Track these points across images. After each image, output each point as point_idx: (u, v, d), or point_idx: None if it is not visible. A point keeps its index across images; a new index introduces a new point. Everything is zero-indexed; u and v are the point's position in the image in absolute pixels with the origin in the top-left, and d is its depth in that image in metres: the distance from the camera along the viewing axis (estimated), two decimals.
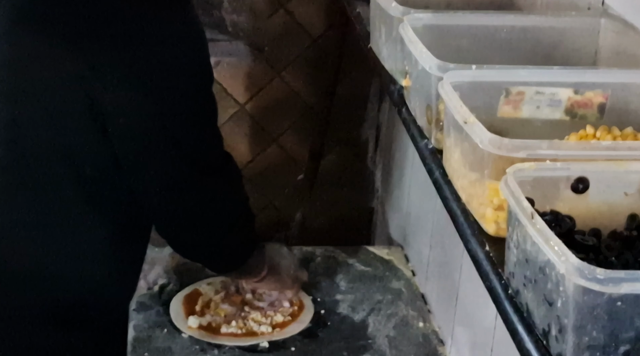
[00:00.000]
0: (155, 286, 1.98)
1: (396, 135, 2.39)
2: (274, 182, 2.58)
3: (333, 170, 2.58)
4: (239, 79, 2.46)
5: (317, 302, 1.97)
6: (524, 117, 1.14)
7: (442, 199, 1.13)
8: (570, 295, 0.79)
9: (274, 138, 2.54)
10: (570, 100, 1.13)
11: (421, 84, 1.22)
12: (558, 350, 0.83)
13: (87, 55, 1.38)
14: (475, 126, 1.02)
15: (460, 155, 1.08)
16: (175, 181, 1.50)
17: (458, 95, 1.09)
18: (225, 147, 1.62)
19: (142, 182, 1.49)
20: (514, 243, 0.91)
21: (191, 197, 1.53)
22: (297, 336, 1.85)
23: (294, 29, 2.42)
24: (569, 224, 0.93)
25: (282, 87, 2.48)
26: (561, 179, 0.96)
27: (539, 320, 0.86)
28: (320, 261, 2.13)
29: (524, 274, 0.89)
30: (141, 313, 1.90)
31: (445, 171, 1.14)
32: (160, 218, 1.57)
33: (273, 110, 2.50)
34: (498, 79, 1.14)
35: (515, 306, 0.91)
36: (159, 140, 1.45)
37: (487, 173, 1.01)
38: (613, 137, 1.09)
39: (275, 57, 2.44)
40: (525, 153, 0.98)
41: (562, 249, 0.81)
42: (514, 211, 0.90)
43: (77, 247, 1.52)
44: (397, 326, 1.91)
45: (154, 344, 1.81)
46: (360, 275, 2.09)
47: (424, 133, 1.23)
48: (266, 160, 2.56)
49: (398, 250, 2.22)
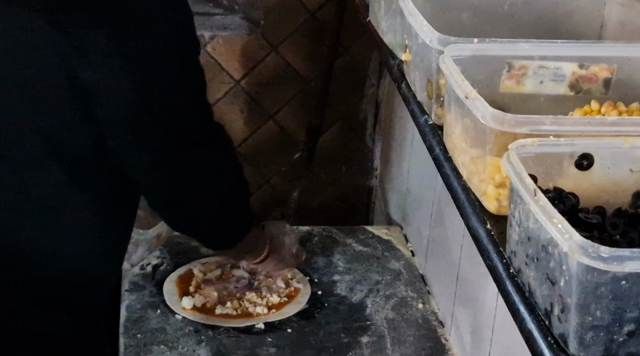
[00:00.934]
0: (148, 267, 1.98)
1: (396, 111, 2.38)
2: (271, 159, 2.57)
3: (331, 147, 2.58)
4: (235, 54, 2.45)
5: (314, 283, 1.97)
6: (527, 92, 1.14)
7: (443, 176, 1.13)
8: (574, 274, 0.79)
9: (270, 115, 2.53)
10: (574, 74, 1.13)
11: (421, 57, 1.21)
12: (560, 330, 0.83)
13: (67, 31, 1.36)
14: (476, 101, 1.01)
15: (461, 131, 1.07)
16: (164, 155, 1.50)
17: (459, 69, 1.08)
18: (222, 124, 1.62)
19: (131, 158, 1.49)
20: (516, 221, 0.91)
21: (181, 170, 1.53)
22: (293, 318, 1.86)
23: (291, 2, 2.41)
24: (572, 202, 0.93)
25: (278, 62, 2.47)
26: (565, 155, 0.96)
27: (541, 300, 0.86)
28: (317, 241, 2.13)
29: (526, 252, 0.89)
30: (134, 294, 1.90)
31: (446, 147, 1.13)
32: (152, 193, 1.57)
33: (269, 86, 2.49)
34: (500, 53, 1.13)
35: (516, 285, 0.91)
36: (146, 114, 1.44)
37: (489, 149, 1.00)
38: (619, 112, 1.09)
39: (271, 31, 2.43)
40: (528, 128, 0.98)
41: (565, 227, 0.81)
42: (516, 188, 0.89)
43: (61, 227, 1.51)
44: (396, 307, 1.91)
45: (146, 325, 1.81)
46: (359, 255, 2.09)
47: (424, 108, 1.23)
48: (262, 137, 2.55)
49: (397, 230, 2.22)
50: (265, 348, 1.76)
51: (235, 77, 2.47)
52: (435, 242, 1.98)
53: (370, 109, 2.57)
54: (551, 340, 0.85)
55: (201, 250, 2.03)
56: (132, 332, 1.79)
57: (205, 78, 1.54)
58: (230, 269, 1.96)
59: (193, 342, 1.77)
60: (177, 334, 1.79)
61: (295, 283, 1.94)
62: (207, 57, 2.41)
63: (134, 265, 1.94)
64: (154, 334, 1.78)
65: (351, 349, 1.78)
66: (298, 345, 1.78)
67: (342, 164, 2.62)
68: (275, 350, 1.76)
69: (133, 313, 1.84)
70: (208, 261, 1.99)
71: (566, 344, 0.83)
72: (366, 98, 2.56)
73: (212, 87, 2.49)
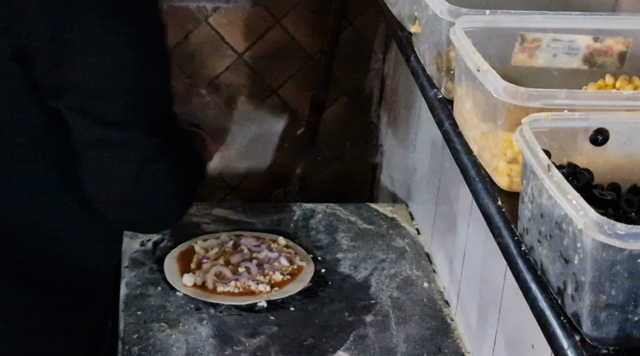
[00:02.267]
0: (149, 243, 1.98)
1: (402, 86, 2.37)
2: None
3: (335, 123, 2.56)
4: (237, 27, 2.43)
5: (318, 261, 1.97)
6: (540, 65, 1.13)
7: (452, 152, 1.12)
8: (588, 252, 0.78)
9: (273, 90, 2.52)
10: (589, 48, 1.12)
11: (431, 29, 1.20)
12: (574, 308, 0.82)
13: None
14: (489, 74, 1.00)
15: (472, 105, 1.07)
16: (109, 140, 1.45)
17: (470, 41, 1.07)
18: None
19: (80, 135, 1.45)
20: (529, 197, 0.90)
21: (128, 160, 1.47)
22: (296, 296, 1.85)
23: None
24: (586, 178, 0.92)
25: (282, 35, 2.45)
26: (579, 130, 0.95)
27: (554, 278, 0.86)
28: (321, 218, 2.13)
29: (539, 230, 0.88)
30: (134, 270, 1.90)
31: (456, 122, 1.13)
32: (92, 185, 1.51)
33: (273, 60, 2.47)
34: (513, 25, 1.12)
35: (528, 263, 0.91)
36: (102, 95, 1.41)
37: (501, 124, 1.00)
38: (634, 86, 1.08)
39: (275, 3, 2.41)
40: (541, 102, 0.97)
41: (580, 203, 0.80)
42: (529, 163, 0.88)
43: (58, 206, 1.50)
44: (401, 286, 1.91)
45: (147, 302, 1.81)
46: (363, 233, 2.08)
47: (433, 82, 1.22)
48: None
49: (402, 207, 2.21)
50: (267, 327, 1.76)
51: (237, 50, 2.45)
52: (441, 219, 1.97)
53: (375, 84, 2.55)
54: (564, 319, 0.84)
55: (202, 227, 2.03)
56: (132, 309, 1.78)
57: (171, 62, 1.50)
58: (232, 247, 1.96)
59: (194, 320, 1.76)
60: (177, 311, 1.79)
61: (298, 261, 1.94)
62: (209, 30, 2.40)
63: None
64: (154, 311, 1.78)
65: (355, 328, 1.77)
66: (301, 323, 1.78)
67: (347, 140, 2.61)
68: (277, 328, 1.76)
69: (133, 290, 1.84)
70: (209, 236, 1.99)
71: (579, 323, 0.82)
72: (371, 72, 2.54)
73: (214, 60, 2.49)
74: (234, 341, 1.72)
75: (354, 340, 1.75)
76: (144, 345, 1.70)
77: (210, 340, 1.72)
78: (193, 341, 1.71)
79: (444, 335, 1.78)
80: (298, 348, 1.72)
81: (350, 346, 1.73)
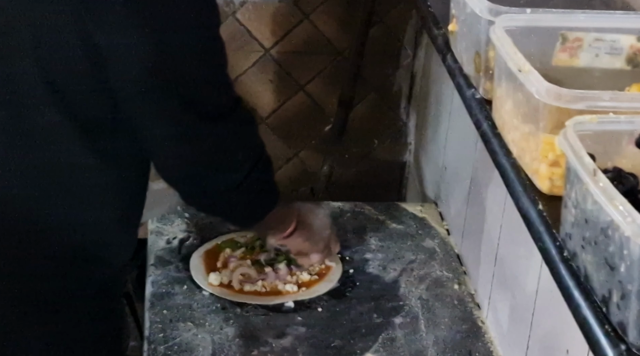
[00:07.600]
0: (174, 241, 1.98)
1: (432, 84, 2.36)
2: (300, 132, 2.56)
3: (363, 120, 2.56)
4: (265, 22, 2.43)
5: (346, 261, 1.96)
6: (581, 65, 1.12)
7: (490, 153, 1.11)
8: (636, 259, 0.78)
9: (300, 86, 2.51)
10: (632, 47, 1.11)
11: (469, 28, 1.19)
12: (620, 317, 0.81)
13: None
14: (531, 75, 0.99)
15: (512, 106, 1.06)
16: (179, 128, 1.49)
17: (511, 41, 1.06)
18: (249, 94, 1.60)
19: (145, 130, 1.48)
20: (572, 202, 0.89)
21: (196, 144, 1.51)
22: (324, 296, 1.85)
23: None
24: (632, 182, 0.91)
25: (310, 31, 2.45)
26: (624, 133, 0.94)
27: (599, 285, 0.85)
28: (349, 217, 2.12)
29: (583, 235, 0.87)
30: (159, 269, 1.90)
31: (495, 123, 1.12)
32: (166, 167, 1.55)
33: (300, 56, 2.47)
34: (554, 24, 1.12)
35: (571, 270, 0.90)
36: (161, 84, 1.43)
37: (543, 126, 0.99)
38: None
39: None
40: (584, 104, 0.96)
41: (627, 209, 0.79)
42: (573, 167, 0.88)
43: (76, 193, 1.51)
44: (431, 287, 1.90)
45: (173, 301, 1.81)
46: (392, 233, 2.08)
47: (470, 81, 1.21)
48: (292, 109, 2.54)
49: (432, 207, 2.20)
50: (294, 327, 1.76)
51: (265, 46, 2.45)
52: (473, 220, 1.96)
53: (405, 81, 2.55)
54: (608, 328, 0.83)
55: (228, 225, 2.03)
56: (158, 308, 1.78)
57: (226, 51, 1.53)
58: (258, 247, 1.95)
59: (220, 319, 1.76)
60: (203, 311, 1.79)
61: (326, 260, 1.93)
62: (236, 24, 2.40)
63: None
64: (180, 310, 1.78)
65: (384, 330, 1.77)
66: (328, 324, 1.78)
67: (375, 138, 2.60)
68: (304, 329, 1.76)
69: (159, 288, 1.84)
70: (236, 236, 1.99)
71: (625, 333, 0.81)
72: (401, 69, 2.53)
73: (241, 55, 2.49)
74: (260, 341, 1.72)
75: (383, 342, 1.74)
76: (169, 344, 1.71)
77: (236, 340, 1.72)
78: (219, 341, 1.71)
79: (475, 339, 1.77)
80: (325, 349, 1.71)
81: (378, 348, 1.73)
